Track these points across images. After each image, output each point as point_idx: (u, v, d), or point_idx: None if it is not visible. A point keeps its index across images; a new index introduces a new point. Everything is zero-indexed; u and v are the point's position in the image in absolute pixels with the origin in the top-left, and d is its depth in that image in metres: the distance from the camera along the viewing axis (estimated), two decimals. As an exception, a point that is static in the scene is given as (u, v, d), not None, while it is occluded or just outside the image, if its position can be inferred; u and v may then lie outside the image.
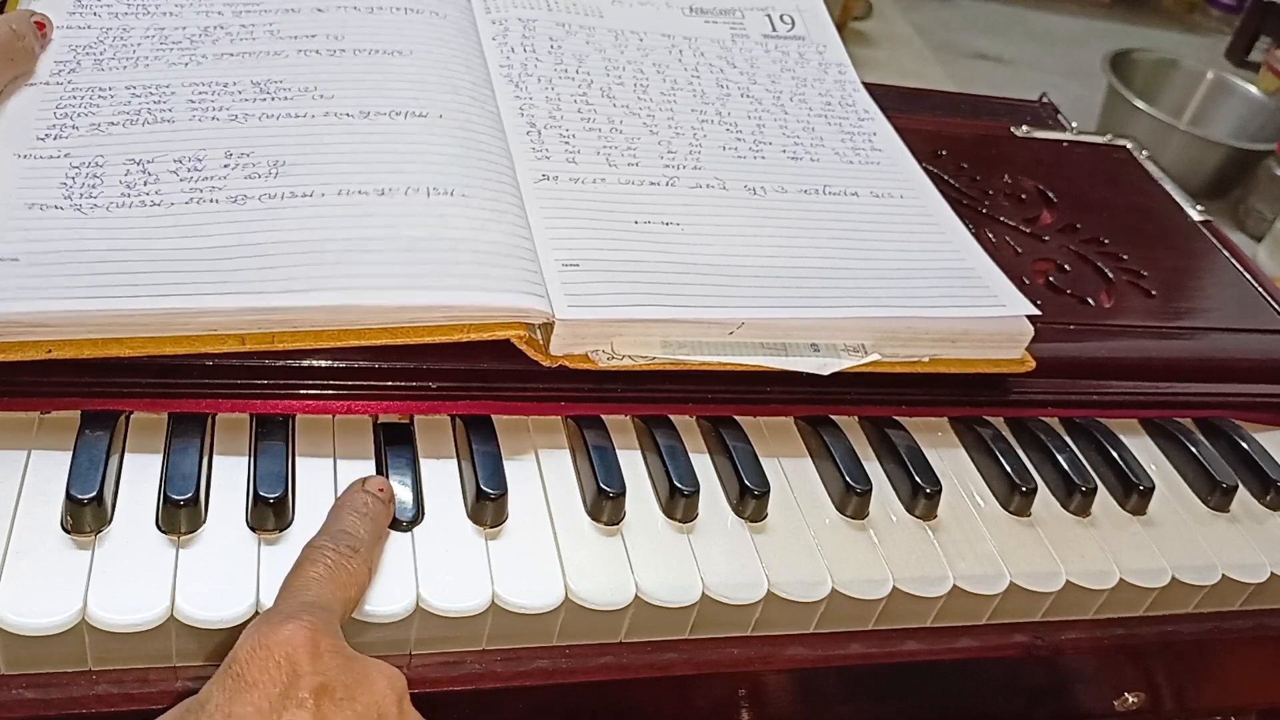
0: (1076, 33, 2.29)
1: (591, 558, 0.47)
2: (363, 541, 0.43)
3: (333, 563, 0.41)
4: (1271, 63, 1.96)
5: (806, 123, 0.66)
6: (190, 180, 0.50)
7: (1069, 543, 0.54)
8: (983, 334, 0.56)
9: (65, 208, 0.47)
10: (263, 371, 0.47)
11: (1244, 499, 0.59)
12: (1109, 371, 0.61)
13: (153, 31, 0.58)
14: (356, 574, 0.42)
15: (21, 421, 0.46)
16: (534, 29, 0.66)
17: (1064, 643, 0.53)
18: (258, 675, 0.36)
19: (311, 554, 0.42)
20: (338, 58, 0.58)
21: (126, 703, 0.42)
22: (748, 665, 0.49)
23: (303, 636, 0.37)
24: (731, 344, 0.52)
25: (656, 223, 0.55)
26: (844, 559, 0.50)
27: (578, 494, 0.49)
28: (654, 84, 0.65)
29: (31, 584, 0.40)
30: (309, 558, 0.41)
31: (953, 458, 0.57)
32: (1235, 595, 0.56)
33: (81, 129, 0.52)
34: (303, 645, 0.37)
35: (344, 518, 0.43)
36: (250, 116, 0.53)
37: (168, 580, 0.41)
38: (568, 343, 0.49)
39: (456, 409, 0.50)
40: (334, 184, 0.50)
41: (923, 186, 0.64)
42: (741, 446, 0.52)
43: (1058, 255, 0.68)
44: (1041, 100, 0.89)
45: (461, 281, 0.47)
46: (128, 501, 0.44)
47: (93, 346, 0.44)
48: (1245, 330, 0.67)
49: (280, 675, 0.36)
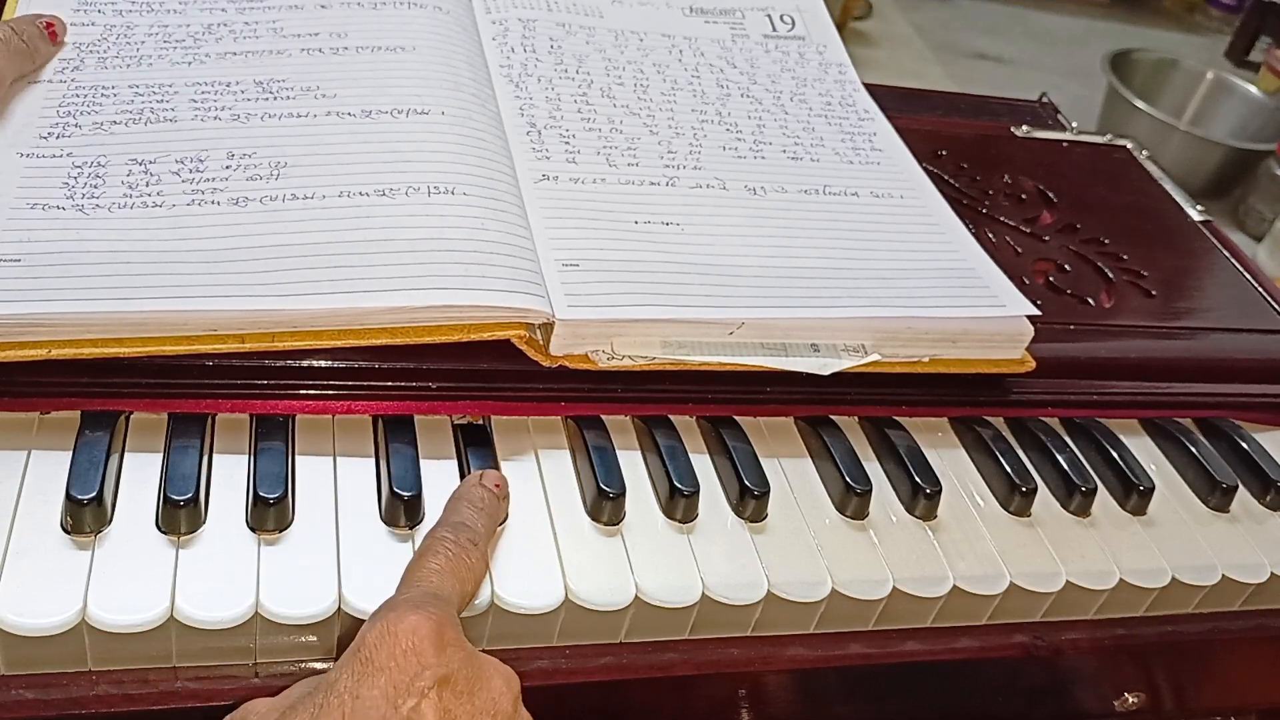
0: (1076, 33, 2.29)
1: (591, 558, 0.47)
2: (480, 535, 0.44)
3: (453, 554, 0.42)
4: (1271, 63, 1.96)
5: (807, 123, 0.66)
6: (192, 181, 0.50)
7: (1069, 543, 0.54)
8: (983, 334, 0.56)
9: (67, 208, 0.47)
10: (263, 371, 0.47)
11: (1244, 499, 0.59)
12: (1109, 371, 0.61)
13: (156, 29, 0.59)
14: (475, 568, 0.43)
15: (21, 421, 0.46)
16: (534, 29, 0.66)
17: (1064, 643, 0.53)
18: (385, 661, 0.36)
19: (433, 545, 0.42)
20: (341, 55, 0.58)
21: (126, 703, 0.42)
22: (748, 665, 0.49)
23: (428, 627, 0.37)
24: (731, 344, 0.52)
25: (656, 223, 0.55)
26: (844, 559, 0.50)
27: (578, 494, 0.49)
28: (654, 84, 0.65)
29: (31, 584, 0.40)
30: (430, 548, 0.42)
31: (953, 458, 0.57)
32: (1235, 595, 0.56)
33: (84, 128, 0.52)
34: (428, 635, 0.37)
35: (462, 510, 0.45)
36: (252, 116, 0.53)
37: (168, 580, 0.41)
38: (568, 343, 0.49)
39: (456, 409, 0.50)
40: (335, 185, 0.50)
41: (923, 186, 0.64)
42: (741, 447, 0.52)
43: (1058, 255, 0.68)
44: (1041, 100, 0.89)
45: (462, 281, 0.47)
46: (128, 501, 0.44)
47: (93, 346, 0.44)
48: (1245, 330, 0.67)
49: (406, 663, 0.36)
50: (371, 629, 0.38)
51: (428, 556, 0.42)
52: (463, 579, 0.42)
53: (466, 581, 0.42)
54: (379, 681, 0.36)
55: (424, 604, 0.38)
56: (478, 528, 0.44)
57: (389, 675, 0.36)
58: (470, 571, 0.42)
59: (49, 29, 0.56)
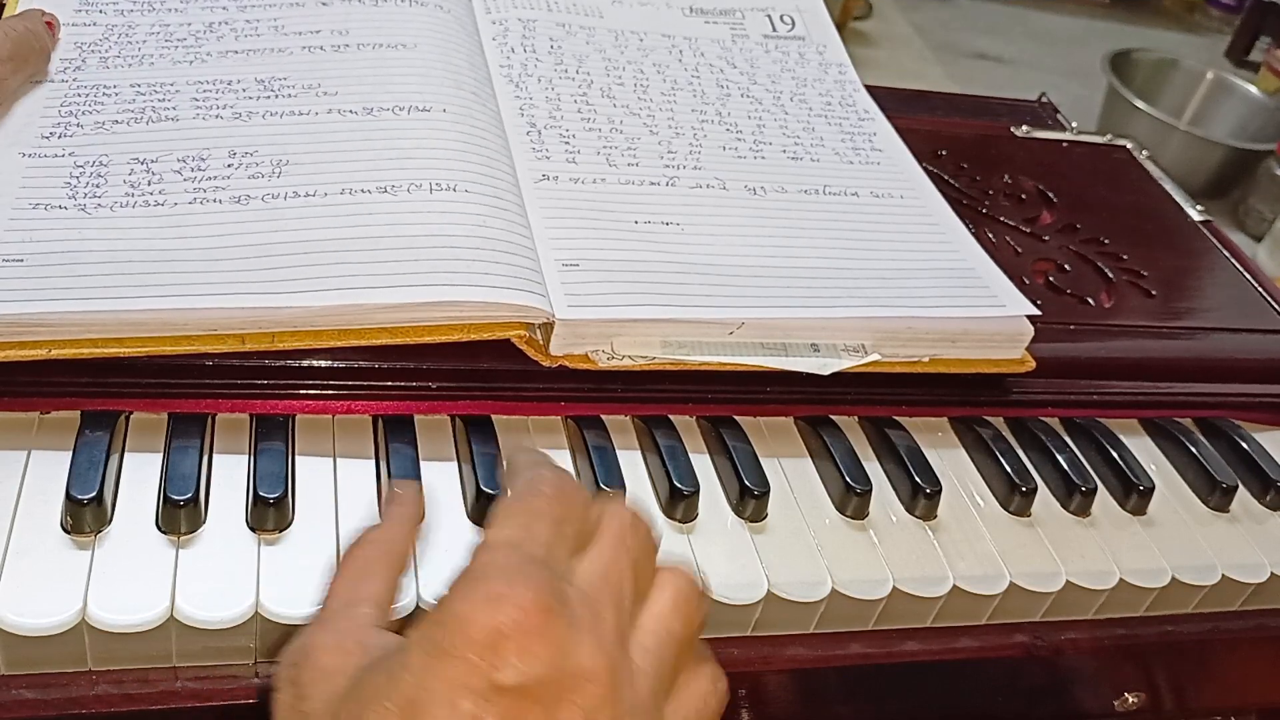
0: (1076, 33, 2.29)
1: (591, 558, 0.47)
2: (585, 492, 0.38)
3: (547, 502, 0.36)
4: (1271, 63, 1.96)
5: (807, 123, 0.66)
6: (194, 180, 0.50)
7: (1069, 543, 0.54)
8: (983, 334, 0.56)
9: (69, 207, 0.47)
10: (263, 371, 0.47)
11: (1244, 499, 0.59)
12: (1109, 371, 0.61)
13: (158, 28, 0.59)
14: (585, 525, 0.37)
15: (21, 421, 0.46)
16: (534, 29, 0.66)
17: (1064, 643, 0.53)
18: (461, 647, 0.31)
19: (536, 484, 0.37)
20: (342, 53, 0.58)
21: (126, 703, 0.42)
22: (748, 665, 0.49)
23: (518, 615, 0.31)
24: (731, 344, 0.52)
25: (656, 223, 0.55)
26: (844, 559, 0.50)
27: (578, 494, 0.49)
28: (654, 84, 0.65)
29: (31, 584, 0.40)
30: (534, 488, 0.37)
31: (953, 458, 0.57)
32: (1235, 595, 0.56)
33: (86, 127, 0.52)
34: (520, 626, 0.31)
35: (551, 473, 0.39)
36: (254, 115, 0.53)
37: (168, 580, 0.41)
38: (568, 343, 0.49)
39: (456, 409, 0.50)
40: (336, 183, 0.50)
41: (923, 186, 0.64)
42: (741, 446, 0.52)
43: (1058, 255, 0.68)
44: (1041, 100, 0.89)
45: (463, 278, 0.47)
46: (128, 501, 0.44)
47: (93, 346, 0.44)
48: (1245, 330, 0.67)
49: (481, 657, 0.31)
50: (459, 599, 0.32)
51: (534, 500, 0.36)
52: (573, 540, 0.36)
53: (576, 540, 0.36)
54: (447, 672, 0.31)
55: (524, 583, 0.32)
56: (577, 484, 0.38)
57: (456, 663, 0.31)
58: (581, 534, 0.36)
59: (49, 27, 0.56)
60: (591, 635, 0.33)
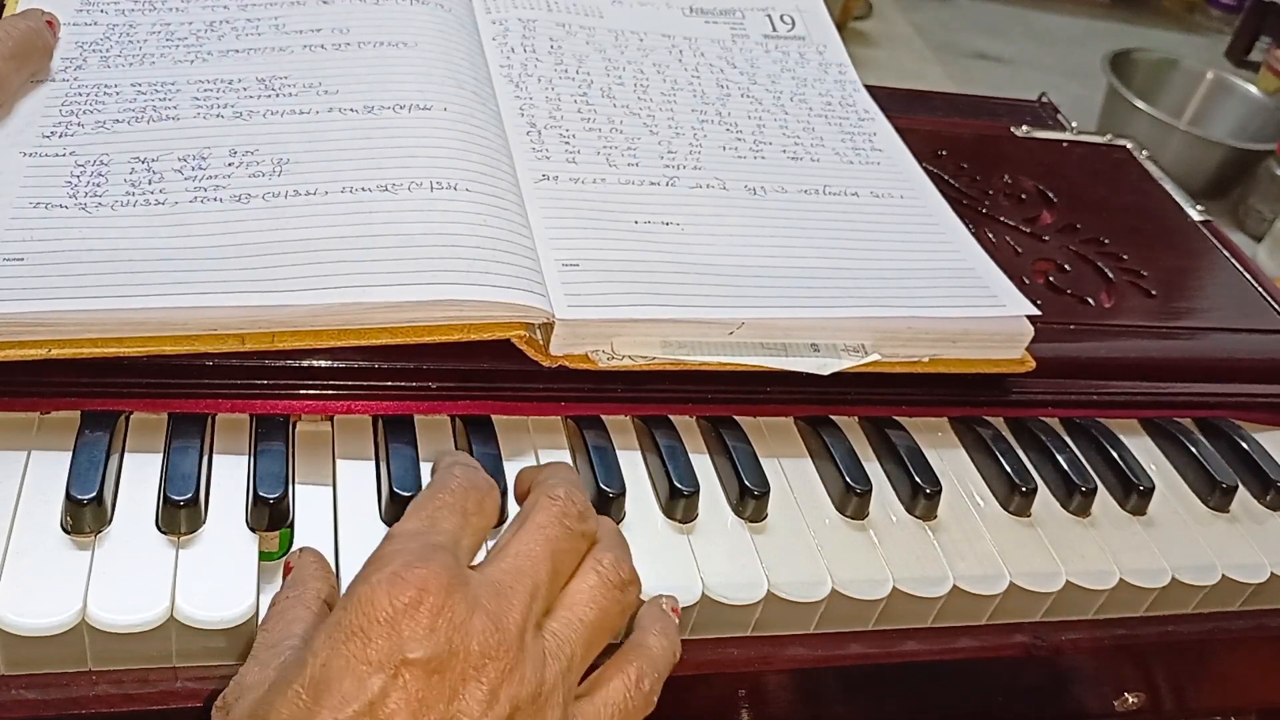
0: (1076, 33, 2.29)
1: (591, 558, 0.47)
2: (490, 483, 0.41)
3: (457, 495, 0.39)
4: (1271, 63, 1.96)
5: (807, 123, 0.66)
6: (194, 179, 0.50)
7: (1069, 543, 0.54)
8: (983, 334, 0.56)
9: (70, 207, 0.47)
10: (263, 371, 0.47)
11: (1244, 499, 0.59)
12: (1109, 371, 0.61)
13: (159, 27, 0.59)
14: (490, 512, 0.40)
15: (21, 421, 0.46)
16: (534, 29, 0.66)
17: (1064, 643, 0.53)
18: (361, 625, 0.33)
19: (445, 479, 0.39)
20: (343, 51, 0.58)
21: (126, 703, 0.42)
22: (748, 665, 0.49)
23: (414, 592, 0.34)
24: (731, 344, 0.52)
25: (656, 223, 0.55)
26: (844, 559, 0.50)
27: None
28: (654, 84, 0.65)
29: (31, 584, 0.40)
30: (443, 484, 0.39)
31: (953, 458, 0.57)
32: (1235, 595, 0.56)
33: (87, 126, 0.52)
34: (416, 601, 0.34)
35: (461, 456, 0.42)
36: (255, 114, 0.53)
37: (168, 580, 0.41)
38: (568, 343, 0.49)
39: (456, 409, 0.50)
40: (337, 181, 0.50)
41: (923, 186, 0.64)
42: (741, 447, 0.52)
43: (1058, 255, 0.68)
44: (1041, 100, 0.89)
45: (464, 276, 0.47)
46: (128, 501, 0.44)
47: (93, 346, 0.44)
48: (1245, 330, 0.67)
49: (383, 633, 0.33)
50: (362, 583, 0.34)
51: (440, 493, 0.38)
52: (478, 530, 0.38)
53: (483, 532, 0.39)
54: (348, 649, 0.33)
55: (424, 563, 0.34)
56: (488, 479, 0.41)
57: (359, 644, 0.32)
58: (487, 525, 0.39)
59: (50, 26, 0.56)
60: (491, 617, 0.34)
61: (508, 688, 0.34)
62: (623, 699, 0.39)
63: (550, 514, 0.39)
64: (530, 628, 0.36)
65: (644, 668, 0.40)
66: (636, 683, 0.39)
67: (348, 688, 0.32)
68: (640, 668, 0.40)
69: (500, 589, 0.36)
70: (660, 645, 0.42)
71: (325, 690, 0.32)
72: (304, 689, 0.32)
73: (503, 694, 0.34)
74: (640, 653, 0.41)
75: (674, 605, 0.45)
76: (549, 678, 0.36)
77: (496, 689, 0.34)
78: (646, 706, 0.40)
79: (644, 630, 0.42)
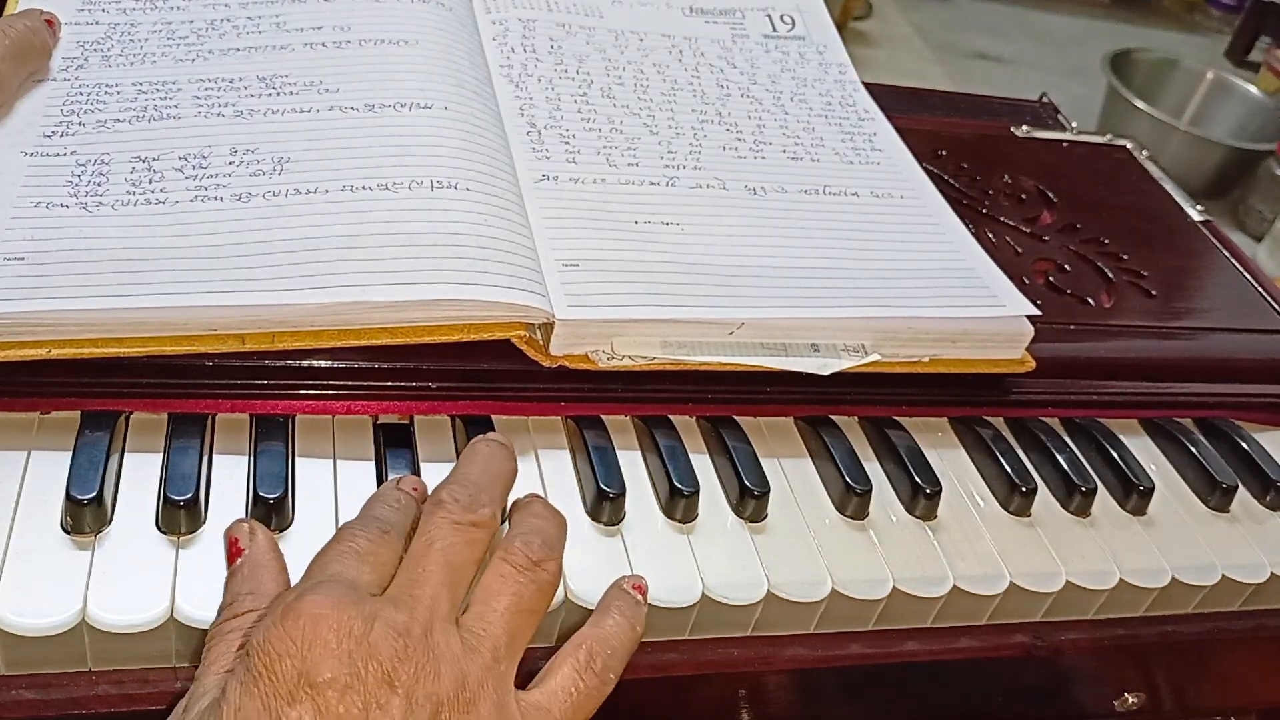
0: (1076, 33, 2.29)
1: (591, 558, 0.47)
2: (393, 526, 0.41)
3: (363, 541, 0.39)
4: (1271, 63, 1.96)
5: (807, 123, 0.66)
6: (195, 178, 0.50)
7: (1069, 543, 0.54)
8: (983, 334, 0.56)
9: (71, 206, 0.47)
10: (263, 371, 0.47)
11: (1244, 499, 0.59)
12: (1109, 371, 0.61)
13: (160, 26, 0.59)
14: (387, 558, 0.40)
15: (21, 421, 0.46)
16: (534, 29, 0.66)
17: (1064, 643, 0.53)
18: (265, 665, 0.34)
19: (339, 534, 0.40)
20: (344, 49, 0.58)
21: (126, 703, 0.42)
22: (748, 665, 0.49)
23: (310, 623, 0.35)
24: (731, 344, 0.52)
25: (656, 223, 0.55)
26: (844, 559, 0.50)
27: (578, 494, 0.49)
28: (654, 84, 0.65)
29: (31, 584, 0.40)
30: (336, 537, 0.40)
31: (953, 458, 0.57)
32: (1235, 595, 0.56)
33: (88, 126, 0.52)
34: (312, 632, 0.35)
35: (374, 506, 0.43)
36: (255, 112, 0.53)
37: (168, 580, 0.41)
38: (568, 343, 0.49)
39: (456, 409, 0.50)
40: (337, 180, 0.50)
41: (923, 186, 0.64)
42: (741, 447, 0.52)
43: (1058, 255, 0.68)
44: (1041, 100, 0.89)
45: (464, 276, 0.47)
46: (128, 501, 0.44)
47: (93, 346, 0.44)
48: (1245, 330, 0.67)
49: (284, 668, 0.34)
50: (259, 629, 0.35)
51: (330, 545, 0.39)
52: (376, 565, 0.39)
53: (382, 567, 0.39)
54: (259, 689, 0.33)
55: (314, 591, 0.35)
56: (390, 518, 0.41)
57: (267, 682, 0.33)
58: (384, 560, 0.39)
59: (49, 25, 0.56)
60: (392, 624, 0.35)
61: (424, 686, 0.34)
62: (573, 683, 0.39)
63: (434, 520, 0.40)
64: (437, 627, 0.37)
65: (594, 648, 0.40)
66: (587, 664, 0.40)
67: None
68: (590, 649, 0.40)
69: (398, 600, 0.37)
70: (615, 623, 0.42)
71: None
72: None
73: (419, 694, 0.34)
74: (591, 634, 0.41)
75: (637, 583, 0.45)
76: (472, 670, 0.36)
77: (412, 691, 0.34)
78: (603, 686, 0.40)
79: (601, 611, 0.43)
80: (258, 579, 0.40)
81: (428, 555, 0.39)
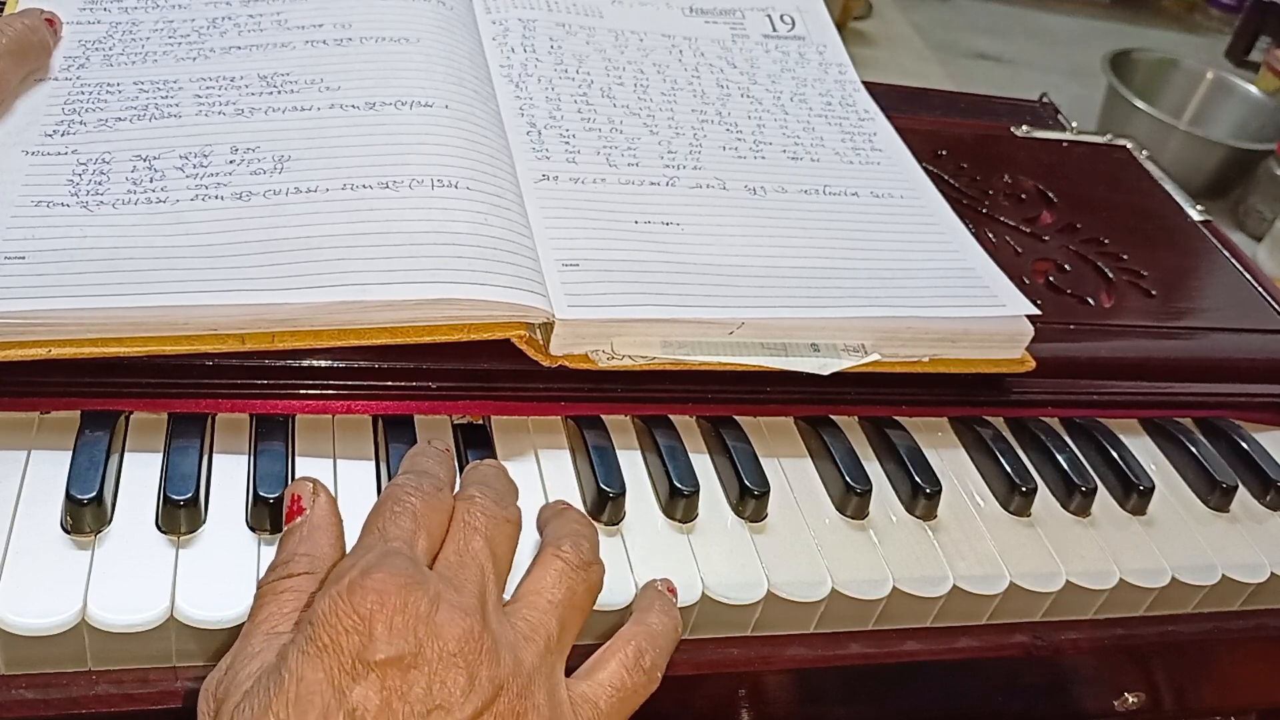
0: (1076, 33, 2.29)
1: (591, 558, 0.47)
2: (445, 483, 0.42)
3: (419, 502, 0.40)
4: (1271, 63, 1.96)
5: (807, 123, 0.66)
6: (196, 177, 0.50)
7: (1069, 543, 0.54)
8: (983, 334, 0.56)
9: (72, 205, 0.47)
10: (263, 371, 0.47)
11: (1244, 499, 0.59)
12: (1109, 371, 0.61)
13: (161, 25, 0.59)
14: (441, 518, 0.40)
15: (21, 421, 0.46)
16: (534, 29, 0.66)
17: (1064, 643, 0.53)
18: (330, 637, 0.34)
19: (394, 492, 0.40)
20: (345, 47, 0.58)
21: (126, 703, 0.42)
22: (748, 665, 0.49)
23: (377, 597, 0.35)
24: (731, 344, 0.52)
25: (656, 223, 0.55)
26: (844, 559, 0.50)
27: (578, 494, 0.49)
28: (654, 84, 0.65)
29: (31, 584, 0.40)
30: (393, 495, 0.40)
31: (953, 458, 0.57)
32: (1235, 595, 0.56)
33: (89, 125, 0.52)
34: (380, 606, 0.35)
35: (420, 461, 0.43)
36: (256, 111, 0.53)
37: (168, 580, 0.41)
38: (568, 343, 0.49)
39: (456, 409, 0.50)
40: (338, 178, 0.50)
41: (923, 186, 0.64)
42: (741, 446, 0.52)
43: (1058, 255, 0.68)
44: (1041, 100, 0.89)
45: (464, 275, 0.47)
46: (128, 501, 0.44)
47: (93, 346, 0.44)
48: (1245, 330, 0.67)
49: (350, 641, 0.34)
50: (323, 598, 0.35)
51: (385, 503, 0.39)
52: (430, 530, 0.39)
53: (436, 529, 0.39)
54: (323, 662, 0.33)
55: (379, 569, 0.35)
56: (440, 474, 0.42)
57: (332, 655, 0.33)
58: (437, 523, 0.40)
59: (50, 25, 0.56)
60: (454, 605, 0.35)
61: (486, 669, 0.35)
62: (622, 677, 0.40)
63: (472, 510, 0.41)
64: (491, 608, 0.37)
65: (643, 645, 0.41)
66: (636, 660, 0.40)
67: (328, 701, 0.33)
68: (640, 645, 0.41)
69: (456, 583, 0.37)
70: (661, 622, 0.42)
71: (307, 708, 0.33)
72: (284, 709, 0.33)
73: (482, 675, 0.35)
74: (639, 630, 0.42)
75: (669, 585, 0.45)
76: (527, 658, 0.37)
77: (475, 671, 0.35)
78: (650, 683, 0.41)
79: (644, 610, 0.43)
80: (315, 540, 0.40)
81: (474, 540, 0.40)
